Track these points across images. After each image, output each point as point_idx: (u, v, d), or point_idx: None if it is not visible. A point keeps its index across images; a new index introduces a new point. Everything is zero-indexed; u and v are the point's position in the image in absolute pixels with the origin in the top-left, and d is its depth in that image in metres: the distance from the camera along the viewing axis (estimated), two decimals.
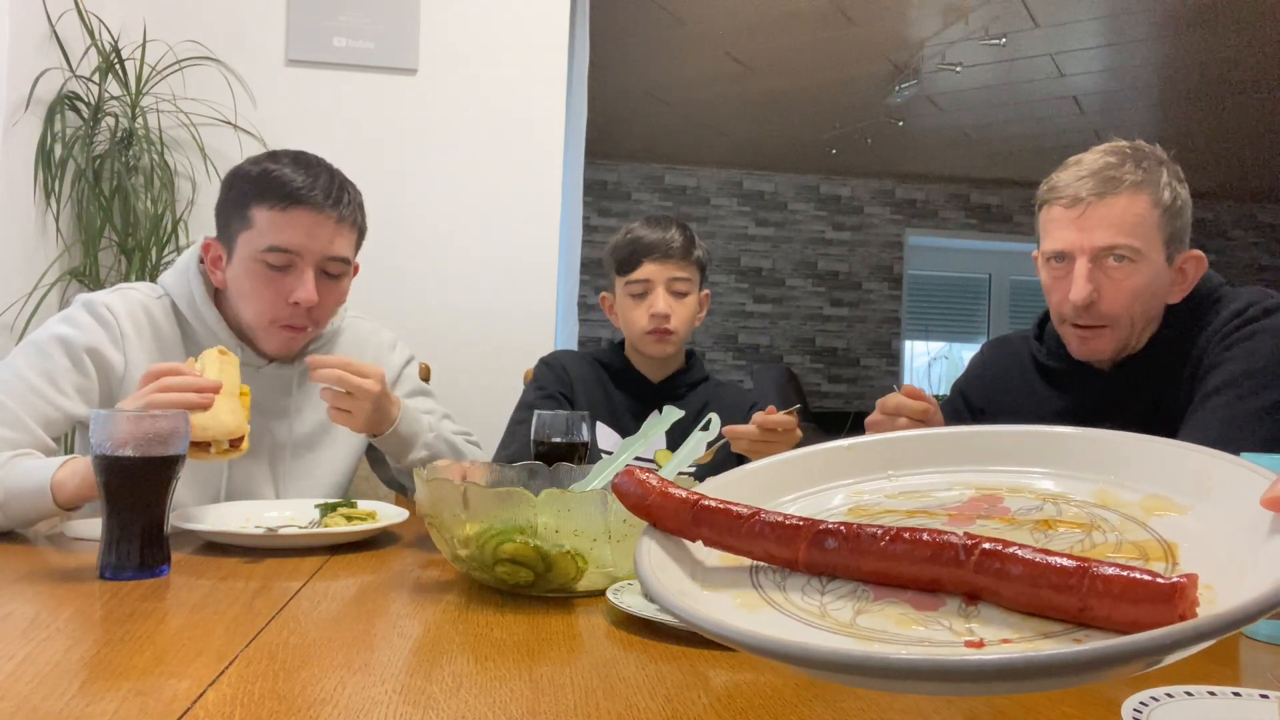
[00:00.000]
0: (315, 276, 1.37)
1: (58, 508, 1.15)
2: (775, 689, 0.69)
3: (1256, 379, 1.26)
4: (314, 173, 1.37)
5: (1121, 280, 1.32)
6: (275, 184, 1.34)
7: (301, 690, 0.64)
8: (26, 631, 0.76)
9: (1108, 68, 4.96)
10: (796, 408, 1.47)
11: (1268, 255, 7.77)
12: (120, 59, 2.34)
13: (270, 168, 1.36)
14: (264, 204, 1.34)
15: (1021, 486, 0.58)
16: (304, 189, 1.34)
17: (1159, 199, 1.32)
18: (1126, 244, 1.30)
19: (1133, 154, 1.34)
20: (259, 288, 1.37)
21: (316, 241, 1.36)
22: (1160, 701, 0.64)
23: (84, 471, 1.12)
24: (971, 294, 7.86)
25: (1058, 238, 1.35)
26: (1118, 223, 1.30)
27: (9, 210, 2.12)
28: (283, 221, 1.34)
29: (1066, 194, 1.34)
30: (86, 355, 1.32)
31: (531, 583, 0.91)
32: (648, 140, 6.61)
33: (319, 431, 1.50)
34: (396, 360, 1.62)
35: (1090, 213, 1.31)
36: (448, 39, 2.52)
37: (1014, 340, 1.59)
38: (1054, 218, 1.36)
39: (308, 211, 1.34)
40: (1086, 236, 1.31)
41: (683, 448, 1.12)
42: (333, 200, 1.36)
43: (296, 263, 1.36)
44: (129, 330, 1.37)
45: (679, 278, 1.71)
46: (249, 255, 1.36)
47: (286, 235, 1.34)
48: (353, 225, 1.42)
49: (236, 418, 1.14)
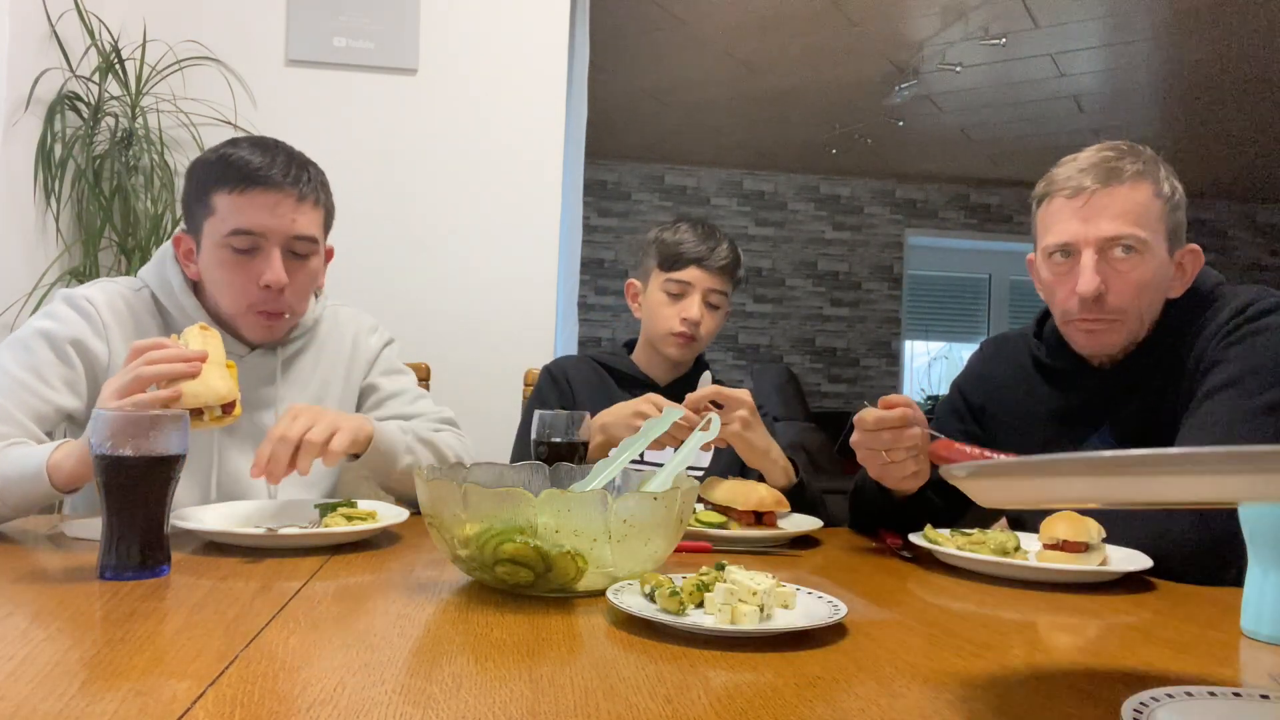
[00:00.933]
0: (283, 257, 1.37)
1: (55, 490, 1.15)
2: (775, 689, 0.69)
3: (1258, 377, 1.26)
4: (271, 153, 1.37)
5: (1128, 272, 1.31)
6: (232, 167, 1.34)
7: (301, 690, 0.64)
8: (26, 631, 0.76)
9: (1108, 68, 4.96)
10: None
11: (1268, 255, 7.76)
12: (120, 59, 2.34)
13: (227, 152, 1.36)
14: (223, 188, 1.34)
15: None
16: (261, 169, 1.34)
17: (1160, 190, 1.32)
18: (1133, 233, 1.29)
19: (1129, 150, 1.34)
20: (228, 275, 1.37)
21: (279, 220, 1.36)
22: (1160, 702, 0.64)
23: (79, 453, 1.12)
24: (971, 294, 7.86)
25: (1061, 230, 1.33)
26: (1123, 212, 1.29)
27: (9, 210, 2.12)
28: (243, 203, 1.34)
29: (1068, 185, 1.33)
30: (70, 347, 1.33)
31: (531, 583, 0.91)
32: (648, 140, 6.61)
33: None
34: (375, 343, 1.62)
35: (1094, 202, 1.30)
36: (448, 39, 2.52)
37: (1013, 338, 1.59)
38: (1055, 210, 1.35)
39: (267, 191, 1.34)
40: (1092, 227, 1.30)
41: (682, 448, 1.13)
42: (291, 178, 1.36)
43: (262, 244, 1.36)
44: (110, 320, 1.38)
45: (717, 290, 1.73)
46: (215, 242, 1.36)
47: (247, 216, 1.34)
48: (315, 203, 1.41)
49: (227, 383, 1.15)
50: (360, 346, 1.60)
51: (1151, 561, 1.16)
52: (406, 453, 1.42)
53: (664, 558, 0.99)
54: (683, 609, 0.85)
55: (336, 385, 1.56)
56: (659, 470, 1.10)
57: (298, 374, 1.51)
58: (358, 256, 2.45)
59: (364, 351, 1.60)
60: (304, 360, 1.53)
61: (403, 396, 1.60)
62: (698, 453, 1.15)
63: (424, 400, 1.63)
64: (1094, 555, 1.15)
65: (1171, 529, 1.22)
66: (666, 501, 0.94)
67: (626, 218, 7.13)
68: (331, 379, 1.55)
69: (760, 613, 0.83)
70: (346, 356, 1.58)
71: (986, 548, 1.20)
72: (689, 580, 0.89)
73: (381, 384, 1.60)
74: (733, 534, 1.31)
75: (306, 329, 1.53)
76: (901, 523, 1.40)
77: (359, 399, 1.60)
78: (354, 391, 1.59)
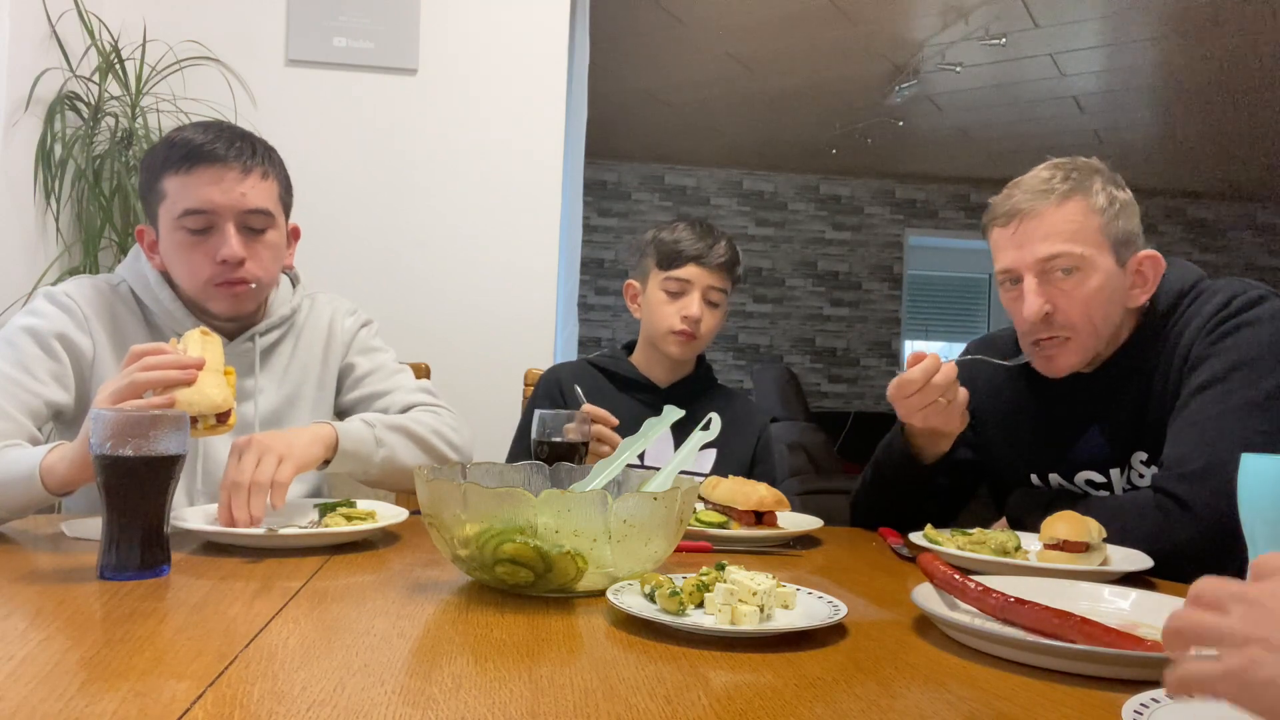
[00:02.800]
0: (239, 233, 1.37)
1: (49, 494, 1.14)
2: (775, 689, 0.69)
3: (1245, 372, 1.26)
4: (214, 131, 1.37)
5: (1072, 290, 1.32)
6: (176, 148, 1.35)
7: (301, 690, 0.64)
8: (26, 631, 0.76)
9: (1108, 68, 4.95)
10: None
11: (1268, 255, 7.76)
12: (120, 59, 2.33)
13: (172, 136, 1.37)
14: (170, 170, 1.35)
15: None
16: (204, 145, 1.34)
17: (1093, 203, 1.32)
18: (1065, 251, 1.31)
19: (1065, 166, 1.36)
20: (185, 254, 1.37)
21: (228, 196, 1.35)
22: (1160, 703, 0.64)
23: (71, 456, 1.11)
24: (971, 294, 7.86)
25: (1001, 258, 1.37)
26: (1052, 232, 1.31)
27: (9, 210, 2.12)
28: (190, 183, 1.34)
29: (1001, 213, 1.37)
30: (56, 341, 1.33)
31: (531, 583, 0.91)
32: (648, 140, 6.60)
33: (285, 407, 1.51)
34: (350, 324, 1.62)
35: (1024, 228, 1.33)
36: (448, 39, 2.52)
37: (1000, 340, 1.59)
38: (995, 239, 1.39)
39: (211, 167, 1.34)
40: (1027, 252, 1.33)
41: (682, 448, 1.12)
42: (235, 151, 1.36)
43: (215, 222, 1.36)
44: (91, 314, 1.38)
45: (716, 287, 1.73)
46: (169, 226, 1.37)
47: (196, 195, 1.34)
48: (264, 175, 1.40)
49: (222, 392, 1.14)
50: (336, 330, 1.59)
51: (1151, 561, 1.16)
52: (378, 446, 1.40)
53: (664, 558, 0.99)
54: (683, 609, 0.85)
55: (314, 370, 1.55)
56: (659, 470, 1.10)
57: (276, 363, 1.52)
58: (358, 256, 2.45)
59: (340, 334, 1.60)
60: (282, 349, 1.53)
61: (379, 373, 1.59)
62: (697, 462, 1.15)
63: (401, 374, 1.62)
64: (1094, 555, 1.15)
65: (1170, 530, 1.22)
66: (666, 501, 0.94)
67: (626, 218, 7.13)
68: (309, 364, 1.55)
69: (760, 613, 0.83)
70: (323, 341, 1.58)
71: (987, 548, 1.20)
72: (689, 580, 0.89)
73: (358, 363, 1.60)
74: (733, 534, 1.31)
75: (284, 319, 1.52)
76: (915, 503, 1.44)
77: (338, 381, 1.60)
78: (332, 375, 1.58)
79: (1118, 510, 1.29)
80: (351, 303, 1.65)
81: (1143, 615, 0.93)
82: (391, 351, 1.67)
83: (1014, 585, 0.94)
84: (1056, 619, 0.81)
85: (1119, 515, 1.27)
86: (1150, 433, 1.34)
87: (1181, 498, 1.22)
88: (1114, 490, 1.41)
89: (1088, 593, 0.99)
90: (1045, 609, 0.83)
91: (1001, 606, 0.86)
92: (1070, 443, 1.43)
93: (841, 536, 1.46)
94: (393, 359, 1.65)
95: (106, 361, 1.38)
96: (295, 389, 1.52)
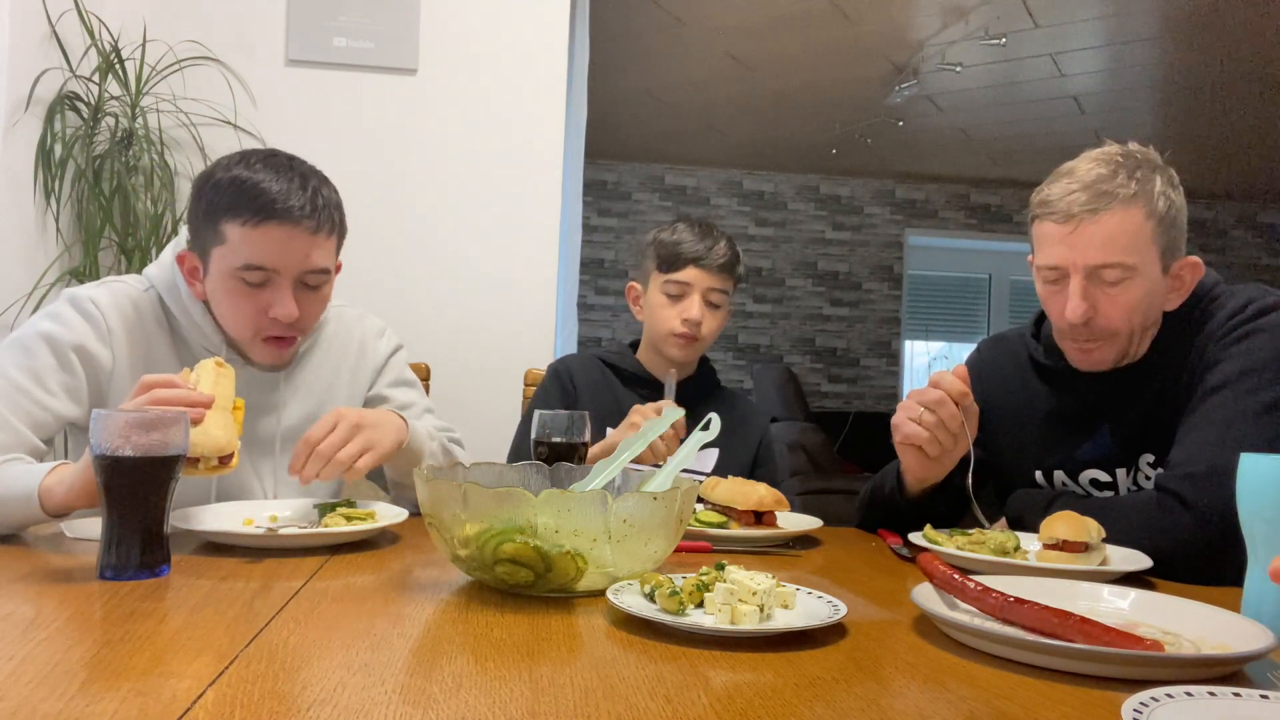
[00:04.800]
0: (294, 289, 1.33)
1: (46, 515, 1.12)
2: (775, 689, 0.69)
3: (1255, 377, 1.26)
4: (286, 178, 1.30)
5: (1117, 296, 1.30)
6: (246, 196, 1.27)
7: (301, 690, 0.64)
8: (26, 631, 0.76)
9: (1108, 68, 4.95)
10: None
11: (1268, 255, 7.76)
12: (120, 59, 2.34)
13: (241, 176, 1.28)
14: (235, 218, 1.28)
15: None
16: (277, 201, 1.27)
17: (1153, 210, 1.28)
18: (1120, 261, 1.28)
19: (1125, 162, 1.30)
20: (237, 303, 1.33)
21: (292, 257, 1.31)
22: (1160, 702, 0.64)
23: (70, 479, 1.09)
24: (971, 294, 7.85)
25: (1050, 254, 1.33)
26: (1110, 241, 1.28)
27: (9, 210, 2.12)
28: (255, 238, 1.28)
29: (1058, 209, 1.31)
30: (73, 353, 1.30)
31: (531, 583, 0.91)
32: (648, 140, 6.60)
33: (306, 424, 1.49)
34: (383, 348, 1.60)
35: (1082, 230, 1.28)
36: (448, 39, 2.52)
37: (1011, 339, 1.59)
38: (1046, 233, 1.33)
39: (282, 226, 1.28)
40: (1080, 255, 1.29)
41: (682, 448, 1.13)
42: (308, 209, 1.30)
43: (274, 279, 1.32)
44: (116, 325, 1.34)
45: (717, 289, 1.73)
46: (224, 271, 1.31)
47: (260, 253, 1.29)
48: (330, 233, 1.36)
49: (228, 433, 1.13)
50: (368, 351, 1.57)
51: (1151, 561, 1.16)
52: (430, 457, 1.43)
53: (664, 558, 0.99)
54: (683, 609, 0.85)
55: (342, 388, 1.53)
56: (659, 470, 1.10)
57: (302, 379, 1.49)
58: (357, 257, 2.43)
59: (371, 357, 1.58)
60: (309, 364, 1.50)
61: (409, 411, 1.56)
62: (698, 462, 1.15)
63: (429, 416, 1.61)
64: (1094, 555, 1.16)
65: (1172, 528, 1.22)
66: (666, 501, 0.94)
67: (626, 218, 7.13)
68: (336, 383, 1.53)
69: (760, 613, 0.83)
70: (353, 360, 1.56)
71: (986, 548, 1.20)
72: (689, 580, 0.89)
73: (391, 396, 1.58)
74: (733, 534, 1.31)
75: (311, 334, 1.50)
76: (910, 523, 1.41)
77: (365, 406, 1.57)
78: (359, 396, 1.57)
79: (1119, 509, 1.29)
80: (381, 321, 1.64)
81: (1142, 615, 0.93)
82: (420, 387, 1.66)
83: (1013, 585, 0.94)
84: (1056, 618, 0.81)
85: (1121, 513, 1.27)
86: (1159, 434, 1.34)
87: (1184, 497, 1.22)
88: (1119, 490, 1.41)
89: (1087, 592, 0.99)
90: (1045, 608, 0.83)
91: (1001, 606, 0.86)
92: (1079, 440, 1.43)
93: (841, 536, 1.45)
94: (421, 396, 1.64)
95: (125, 375, 1.34)
96: (320, 405, 1.49)
